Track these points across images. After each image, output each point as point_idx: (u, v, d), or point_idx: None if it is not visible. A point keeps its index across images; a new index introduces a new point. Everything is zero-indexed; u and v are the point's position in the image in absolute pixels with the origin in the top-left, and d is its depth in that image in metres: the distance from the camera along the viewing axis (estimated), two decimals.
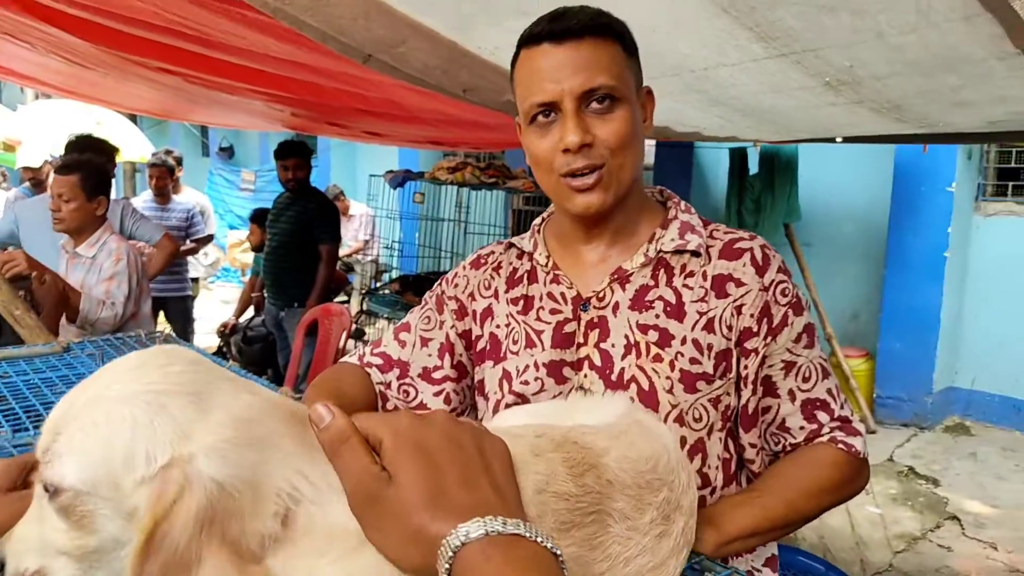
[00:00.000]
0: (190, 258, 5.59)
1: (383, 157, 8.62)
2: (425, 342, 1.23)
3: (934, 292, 4.99)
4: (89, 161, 3.18)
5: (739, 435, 1.09)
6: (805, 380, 1.08)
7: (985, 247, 5.09)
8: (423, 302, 1.29)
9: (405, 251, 5.15)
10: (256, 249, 5.31)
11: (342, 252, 7.44)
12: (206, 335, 6.51)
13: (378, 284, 6.25)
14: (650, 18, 1.80)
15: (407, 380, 1.22)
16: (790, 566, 1.87)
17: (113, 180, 5.13)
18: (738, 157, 5.18)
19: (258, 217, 5.24)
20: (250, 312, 5.50)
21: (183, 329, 5.54)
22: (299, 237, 4.48)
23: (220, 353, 5.19)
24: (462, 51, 2.28)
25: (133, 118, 9.82)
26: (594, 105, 1.01)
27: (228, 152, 11.57)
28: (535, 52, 1.03)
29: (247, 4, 2.03)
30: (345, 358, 1.30)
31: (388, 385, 1.22)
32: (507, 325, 1.16)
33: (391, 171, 4.27)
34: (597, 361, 1.07)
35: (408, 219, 4.67)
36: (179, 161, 5.54)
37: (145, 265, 3.28)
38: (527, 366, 1.11)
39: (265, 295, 4.84)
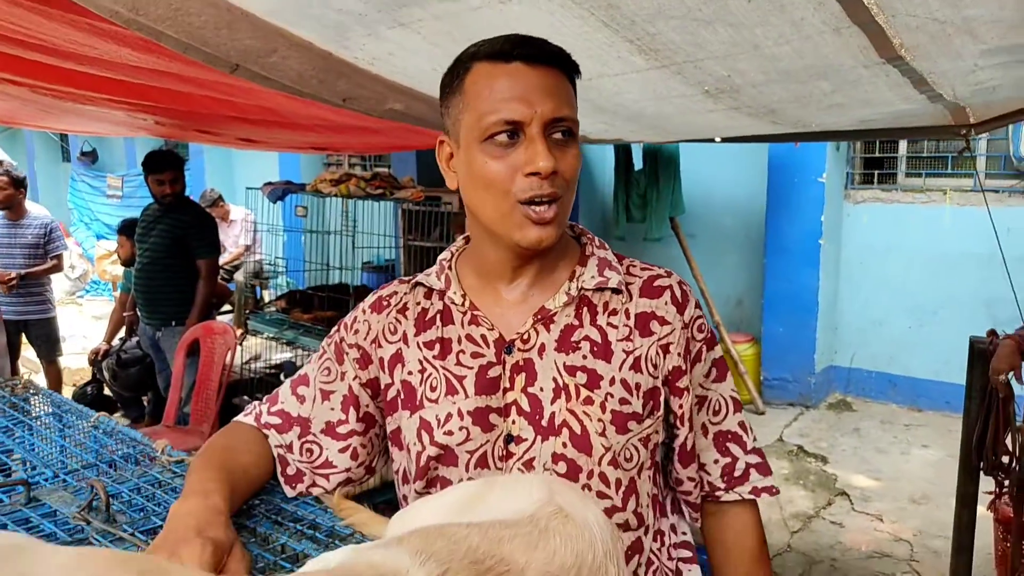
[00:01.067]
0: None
1: (261, 162, 8.29)
2: (326, 395, 1.14)
3: (811, 277, 5.25)
4: None
5: (675, 471, 1.10)
6: (715, 413, 1.10)
7: (855, 233, 5.39)
8: (320, 350, 1.19)
9: (291, 266, 4.94)
10: (126, 263, 4.95)
11: (222, 260, 7.10)
12: (76, 356, 6.06)
13: (262, 292, 5.98)
14: (532, 32, 1.76)
15: (309, 437, 1.13)
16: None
17: None
18: (623, 153, 5.26)
19: (126, 228, 4.86)
20: (123, 332, 5.14)
21: (49, 352, 5.16)
22: (173, 251, 4.19)
23: (95, 381, 4.83)
24: (338, 60, 2.17)
25: None
26: (557, 136, 0.97)
27: (91, 157, 10.81)
28: (502, 68, 0.97)
29: (95, 15, 1.85)
30: (240, 416, 1.19)
31: (288, 447, 1.13)
32: (421, 371, 1.08)
33: (270, 183, 4.05)
34: (525, 406, 1.03)
35: (292, 232, 4.48)
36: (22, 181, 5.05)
37: None
38: (449, 414, 1.04)
39: (138, 314, 4.53)
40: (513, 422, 1.03)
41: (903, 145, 5.33)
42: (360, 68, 2.21)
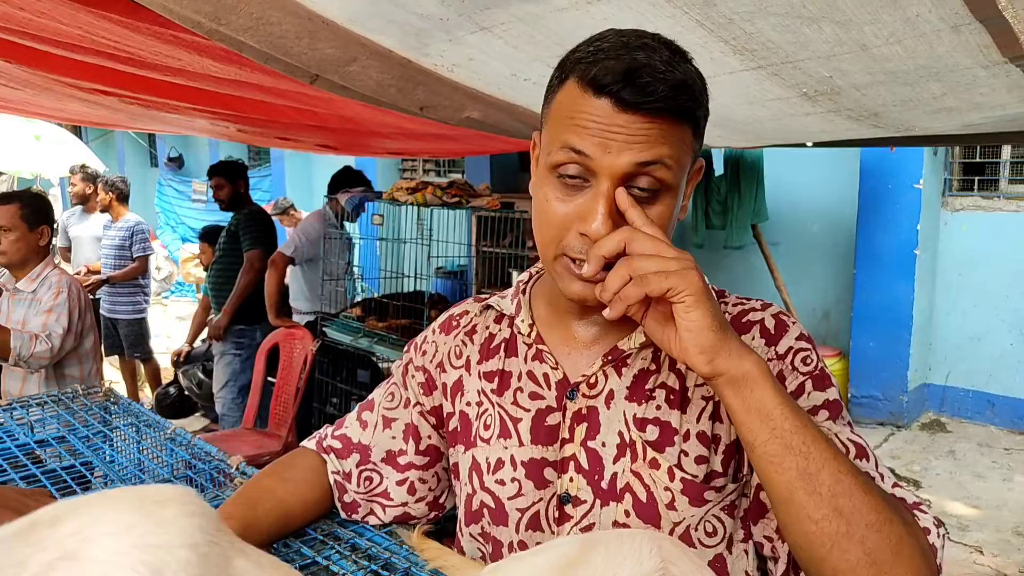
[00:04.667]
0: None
1: (340, 166, 8.42)
2: (388, 423, 1.06)
3: (905, 289, 4.97)
4: (28, 191, 3.07)
5: (751, 533, 0.89)
6: None
7: (953, 242, 5.09)
8: (390, 373, 1.12)
9: (366, 273, 4.97)
10: (207, 269, 5.11)
11: None
12: (160, 355, 6.26)
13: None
14: None
15: (369, 466, 1.06)
16: None
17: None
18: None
19: (208, 235, 5.05)
20: (205, 334, 5.28)
21: (131, 350, 5.42)
22: (230, 250, 4.36)
23: (176, 382, 4.96)
24: (417, 68, 2.14)
25: (77, 130, 9.48)
26: (635, 191, 0.81)
27: (177, 162, 11.22)
28: (589, 99, 0.79)
29: (180, 26, 1.86)
30: (306, 440, 1.14)
31: (347, 475, 1.06)
32: (478, 404, 0.98)
33: (347, 190, 4.09)
34: (584, 463, 0.89)
35: (368, 240, 4.50)
36: (94, 178, 5.68)
37: (90, 302, 3.11)
38: (501, 460, 0.94)
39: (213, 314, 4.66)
40: (571, 480, 0.90)
41: (1006, 150, 5.00)
42: (439, 75, 2.17)
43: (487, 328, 1.03)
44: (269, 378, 4.09)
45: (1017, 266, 4.84)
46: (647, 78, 0.76)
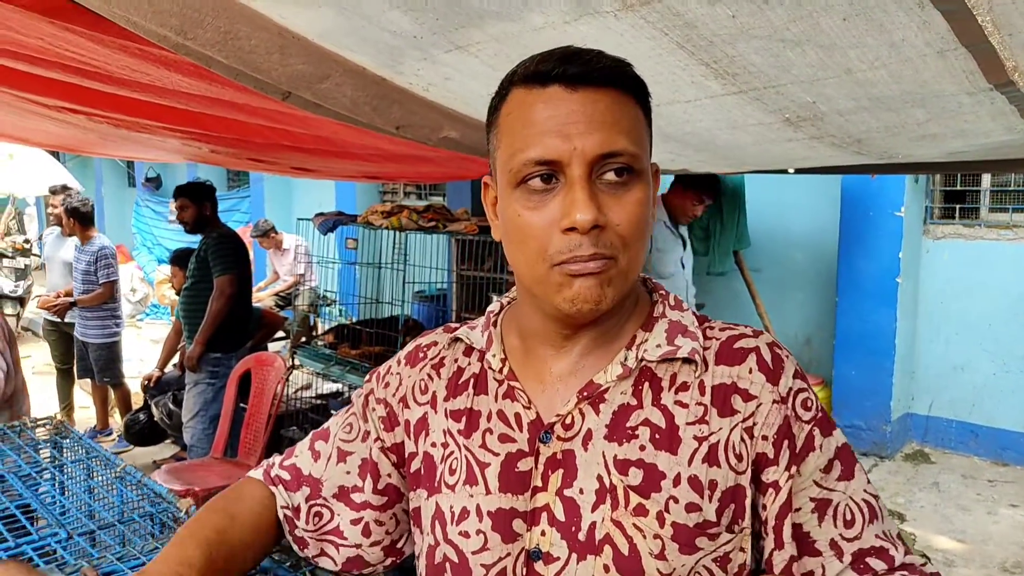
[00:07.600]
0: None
1: (319, 191, 8.39)
2: (343, 456, 0.97)
3: (887, 317, 4.95)
4: None
5: None
6: (848, 525, 0.80)
7: (935, 271, 5.08)
8: (350, 401, 1.03)
9: (344, 299, 4.89)
10: (179, 293, 5.01)
11: (278, 288, 7.12)
12: (131, 379, 6.11)
13: (315, 321, 5.94)
14: None
15: (319, 501, 0.97)
16: None
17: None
18: None
19: (178, 258, 4.96)
20: (177, 358, 5.15)
21: (100, 375, 5.29)
22: (201, 274, 4.27)
23: (146, 407, 4.82)
24: (393, 86, 2.09)
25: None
26: (608, 176, 0.76)
27: (155, 182, 11.11)
28: (538, 95, 0.77)
29: (146, 40, 1.79)
30: (254, 471, 1.04)
31: (296, 510, 0.97)
32: (444, 445, 0.89)
33: (321, 214, 4.00)
34: (560, 514, 0.80)
35: (345, 264, 4.42)
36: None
37: (13, 336, 2.97)
38: (466, 510, 0.84)
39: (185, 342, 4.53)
40: (542, 533, 0.80)
41: (987, 178, 5.02)
42: (415, 94, 2.12)
43: (456, 361, 0.94)
44: (241, 404, 3.98)
45: (998, 295, 4.84)
46: (587, 56, 0.78)
